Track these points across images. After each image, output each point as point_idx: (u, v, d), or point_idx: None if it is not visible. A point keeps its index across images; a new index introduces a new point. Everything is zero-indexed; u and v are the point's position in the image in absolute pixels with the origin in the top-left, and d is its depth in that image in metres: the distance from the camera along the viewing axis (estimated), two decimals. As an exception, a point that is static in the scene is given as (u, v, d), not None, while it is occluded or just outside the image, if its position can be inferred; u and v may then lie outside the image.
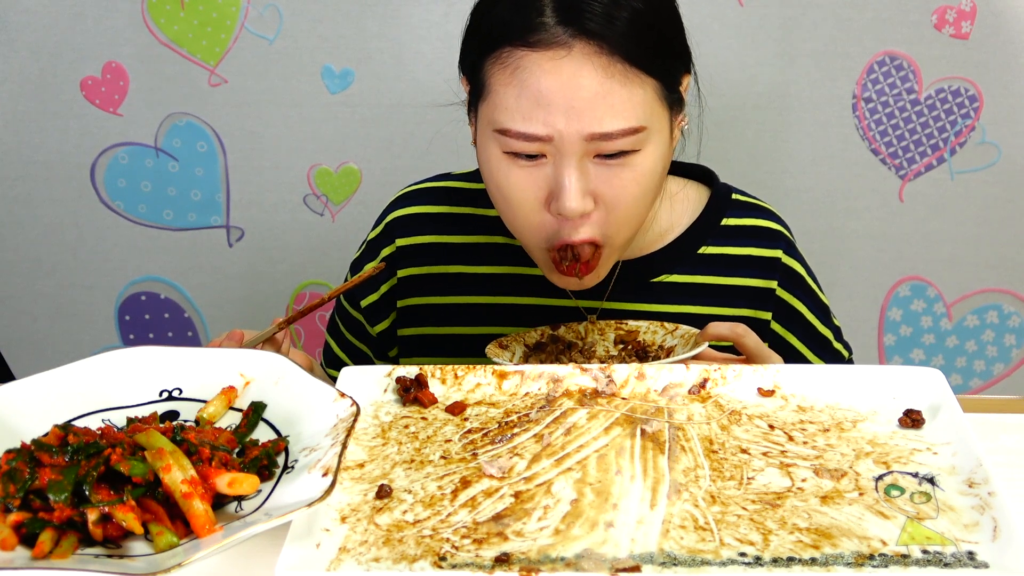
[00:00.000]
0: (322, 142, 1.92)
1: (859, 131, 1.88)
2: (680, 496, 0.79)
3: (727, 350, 1.07)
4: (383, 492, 0.80)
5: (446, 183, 1.27)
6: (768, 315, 1.20)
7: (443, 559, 0.72)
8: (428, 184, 1.28)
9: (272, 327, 1.04)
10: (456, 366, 0.96)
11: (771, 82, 1.85)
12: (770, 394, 0.92)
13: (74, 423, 0.84)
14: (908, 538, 0.73)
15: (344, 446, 0.76)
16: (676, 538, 0.74)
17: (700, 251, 1.20)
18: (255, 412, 0.86)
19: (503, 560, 0.72)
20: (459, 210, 1.24)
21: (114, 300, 2.04)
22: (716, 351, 1.06)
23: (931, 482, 0.80)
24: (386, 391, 0.94)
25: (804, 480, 0.81)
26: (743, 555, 0.72)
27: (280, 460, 0.80)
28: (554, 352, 1.13)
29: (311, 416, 0.83)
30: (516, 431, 0.88)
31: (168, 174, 1.95)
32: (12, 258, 2.00)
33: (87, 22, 1.84)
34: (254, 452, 0.79)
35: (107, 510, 0.71)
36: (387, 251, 1.25)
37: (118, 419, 0.86)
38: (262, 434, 0.84)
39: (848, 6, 1.80)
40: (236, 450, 0.80)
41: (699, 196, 1.22)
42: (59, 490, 0.71)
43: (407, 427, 0.89)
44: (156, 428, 0.78)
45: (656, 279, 1.19)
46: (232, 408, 0.88)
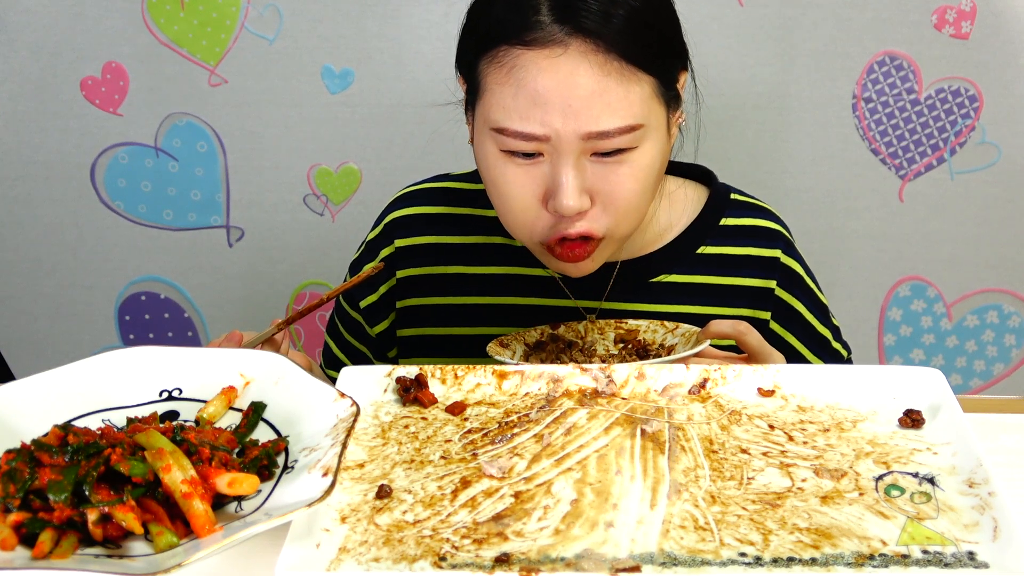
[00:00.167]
0: (322, 142, 1.92)
1: (859, 131, 1.88)
2: (680, 496, 0.79)
3: (729, 349, 1.07)
4: (383, 492, 0.80)
5: (445, 184, 1.27)
6: (767, 315, 1.20)
7: (443, 559, 0.72)
8: (427, 185, 1.28)
9: (271, 328, 1.04)
10: (456, 366, 0.96)
11: (771, 82, 1.85)
12: (770, 394, 0.92)
13: (74, 423, 0.84)
14: (908, 538, 0.73)
15: (344, 446, 0.76)
16: (676, 538, 0.74)
17: (699, 251, 1.19)
18: (255, 412, 0.86)
19: (503, 560, 0.72)
20: (458, 211, 1.24)
21: (114, 300, 2.04)
22: (717, 350, 1.06)
23: (931, 482, 0.80)
24: (386, 391, 0.94)
25: (804, 480, 0.81)
26: (743, 555, 0.72)
27: (280, 460, 0.80)
28: (554, 351, 1.13)
29: (311, 416, 0.83)
30: (516, 431, 0.88)
31: (168, 174, 1.95)
32: (12, 258, 2.00)
33: (87, 22, 1.84)
34: (254, 452, 0.79)
35: (107, 510, 0.71)
36: (386, 252, 1.24)
37: (118, 419, 0.86)
38: (262, 434, 0.84)
39: (848, 6, 1.80)
40: (236, 450, 0.80)
41: (698, 196, 1.22)
42: (59, 490, 0.71)
43: (407, 427, 0.89)
44: (156, 428, 0.78)
45: (655, 279, 1.19)
46: (232, 408, 0.88)
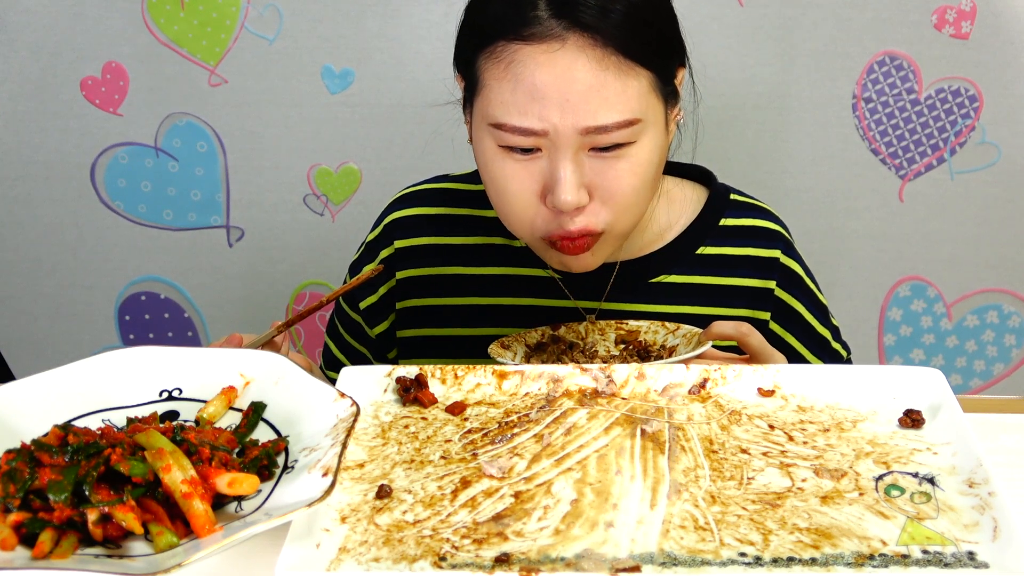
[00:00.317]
0: (322, 142, 1.92)
1: (859, 131, 1.88)
2: (680, 496, 0.79)
3: (731, 349, 1.07)
4: (383, 492, 0.80)
5: (444, 185, 1.27)
6: (767, 315, 1.20)
7: (443, 559, 0.72)
8: (426, 186, 1.28)
9: (271, 330, 1.04)
10: (456, 366, 0.96)
11: (771, 82, 1.85)
12: (770, 394, 0.92)
13: (74, 423, 0.84)
14: (908, 538, 0.73)
15: (344, 446, 0.76)
16: (676, 538, 0.74)
17: (698, 251, 1.19)
18: (255, 412, 0.86)
19: (503, 560, 0.72)
20: (458, 211, 1.24)
21: (114, 300, 2.04)
22: (719, 351, 1.05)
23: (931, 482, 0.80)
24: (386, 391, 0.94)
25: (804, 480, 0.81)
26: (743, 555, 0.72)
27: (280, 460, 0.80)
28: (555, 352, 1.13)
29: (311, 416, 0.83)
30: (516, 431, 0.88)
31: (168, 174, 1.95)
32: (12, 258, 2.00)
33: (87, 22, 1.84)
34: (254, 452, 0.79)
35: (107, 510, 0.71)
36: (386, 253, 1.24)
37: (118, 419, 0.86)
38: (262, 434, 0.84)
39: (848, 6, 1.80)
40: (236, 450, 0.80)
41: (697, 196, 1.22)
42: (59, 490, 0.71)
43: (407, 427, 0.89)
44: (156, 428, 0.78)
45: (654, 279, 1.19)
46: (232, 408, 0.88)
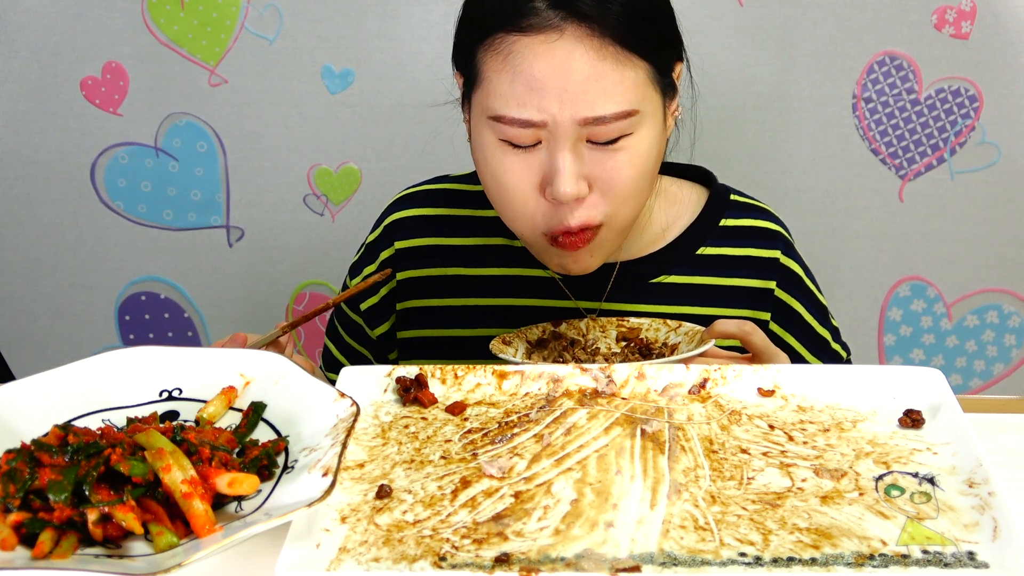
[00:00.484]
0: (322, 142, 1.92)
1: (859, 131, 1.88)
2: (680, 496, 0.79)
3: (734, 349, 1.07)
4: (383, 492, 0.80)
5: (444, 185, 1.27)
6: (767, 315, 1.20)
7: (443, 559, 0.72)
8: (426, 186, 1.28)
9: (276, 331, 1.04)
10: (456, 366, 0.96)
11: (771, 82, 1.85)
12: (770, 394, 0.92)
13: (74, 423, 0.84)
14: (908, 538, 0.73)
15: (344, 446, 0.76)
16: (676, 538, 0.74)
17: (699, 252, 1.19)
18: (255, 412, 0.86)
19: (503, 560, 0.72)
20: (458, 212, 1.24)
21: (114, 300, 2.04)
22: (722, 350, 1.05)
23: (931, 482, 0.80)
24: (386, 391, 0.94)
25: (804, 480, 0.81)
26: (743, 555, 0.72)
27: (280, 460, 0.80)
28: (556, 348, 1.13)
29: (311, 416, 0.83)
30: (516, 431, 0.88)
31: (168, 174, 1.95)
32: (12, 258, 2.00)
33: (87, 22, 1.84)
34: (254, 452, 0.79)
35: (107, 510, 0.71)
36: (386, 254, 1.24)
37: (118, 419, 0.86)
38: (262, 434, 0.84)
39: (848, 6, 1.80)
40: (236, 450, 0.80)
41: (697, 197, 1.22)
42: (59, 490, 0.71)
43: (407, 427, 0.89)
44: (156, 428, 0.78)
45: (655, 280, 1.19)
46: (232, 408, 0.88)
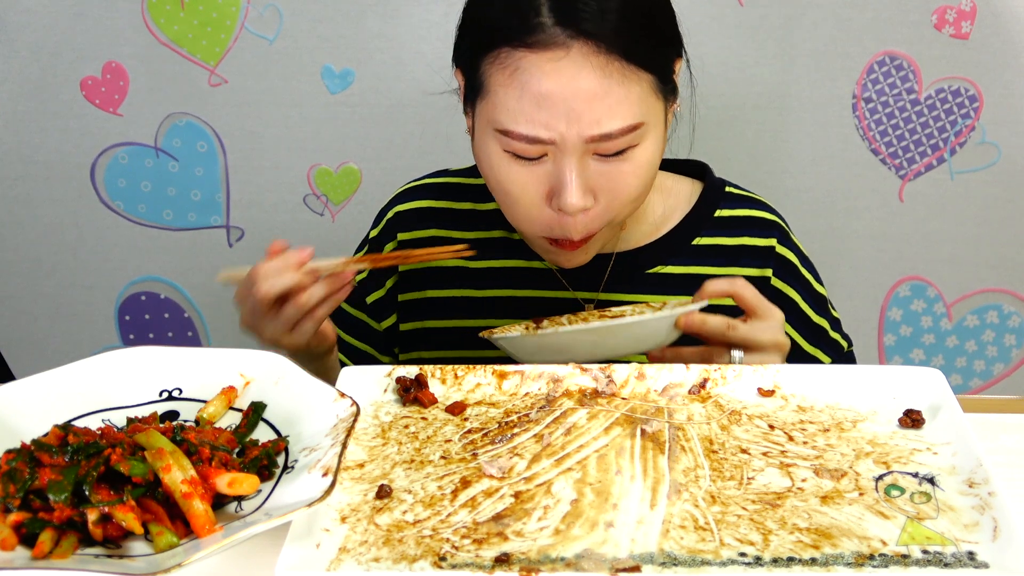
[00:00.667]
0: (322, 142, 1.91)
1: (859, 131, 1.88)
2: (680, 496, 0.79)
3: (730, 312, 1.05)
4: (383, 492, 0.80)
5: (444, 179, 1.28)
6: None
7: (443, 559, 0.72)
8: (427, 180, 1.28)
9: (339, 261, 0.99)
10: (456, 366, 0.96)
11: (771, 82, 1.85)
12: (770, 394, 0.92)
13: (74, 423, 0.84)
14: (908, 538, 0.73)
15: (344, 446, 0.76)
16: (676, 538, 0.74)
17: (694, 242, 1.20)
18: (255, 412, 0.86)
19: (503, 560, 0.72)
20: (458, 205, 1.25)
21: (114, 300, 2.03)
22: (715, 315, 1.02)
23: (931, 482, 0.80)
24: (386, 391, 0.94)
25: (804, 480, 0.81)
26: (743, 555, 0.72)
27: (280, 460, 0.80)
28: None
29: (311, 416, 0.83)
30: (516, 431, 0.88)
31: (168, 174, 1.94)
32: (12, 258, 2.00)
33: (87, 22, 1.84)
34: (254, 452, 0.79)
35: (107, 510, 0.71)
36: (389, 247, 1.25)
37: (118, 419, 0.86)
38: (262, 434, 0.85)
39: (848, 6, 1.80)
40: (236, 450, 0.80)
41: (693, 189, 1.23)
42: (59, 490, 0.71)
43: (407, 427, 0.89)
44: (156, 428, 0.78)
45: (651, 270, 1.20)
46: (232, 408, 0.88)
